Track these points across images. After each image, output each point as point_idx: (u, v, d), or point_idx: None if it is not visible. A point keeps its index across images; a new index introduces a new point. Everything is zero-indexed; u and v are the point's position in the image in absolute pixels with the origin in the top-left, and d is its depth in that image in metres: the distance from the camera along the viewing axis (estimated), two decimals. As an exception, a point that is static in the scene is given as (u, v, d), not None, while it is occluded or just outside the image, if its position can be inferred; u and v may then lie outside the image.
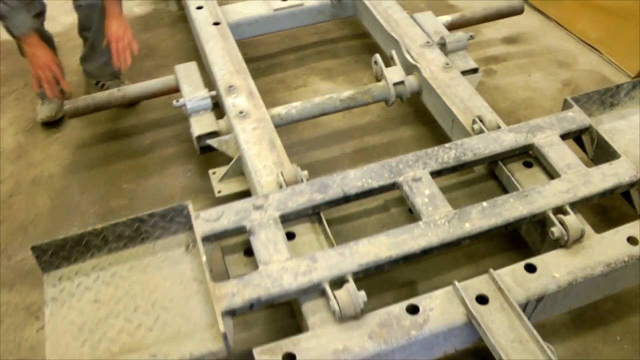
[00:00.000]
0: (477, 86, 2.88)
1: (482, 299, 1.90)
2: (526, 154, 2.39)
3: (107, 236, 2.10)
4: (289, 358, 1.79)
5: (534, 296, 1.93)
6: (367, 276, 1.99)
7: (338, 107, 2.86)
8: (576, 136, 2.44)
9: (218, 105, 2.81)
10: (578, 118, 2.42)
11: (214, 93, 2.76)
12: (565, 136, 2.38)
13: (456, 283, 1.93)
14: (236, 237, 2.20)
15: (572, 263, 2.00)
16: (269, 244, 2.03)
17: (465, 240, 2.05)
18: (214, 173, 2.65)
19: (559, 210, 2.10)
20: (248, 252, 2.17)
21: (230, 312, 1.87)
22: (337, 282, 1.93)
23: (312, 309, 1.93)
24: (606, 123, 2.53)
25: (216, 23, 3.17)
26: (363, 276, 1.98)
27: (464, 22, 3.30)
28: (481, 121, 2.45)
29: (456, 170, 2.31)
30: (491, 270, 1.95)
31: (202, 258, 1.97)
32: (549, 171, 2.29)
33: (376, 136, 3.13)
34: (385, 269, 2.01)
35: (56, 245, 2.06)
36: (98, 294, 2.04)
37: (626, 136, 2.48)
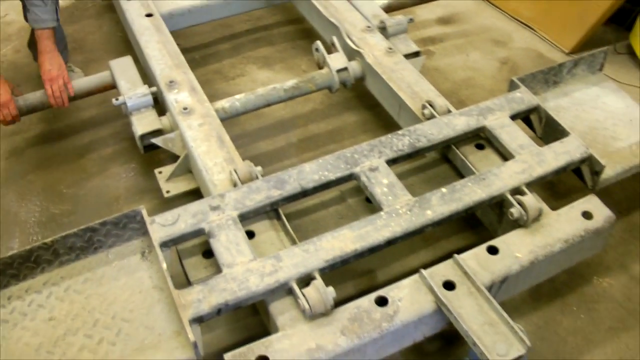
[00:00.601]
0: (416, 68, 2.88)
1: (449, 285, 1.91)
2: (477, 137, 2.41)
3: (58, 249, 2.00)
4: (262, 360, 1.75)
5: (499, 278, 1.95)
6: (333, 271, 1.96)
7: (282, 97, 2.80)
8: (525, 117, 2.47)
9: (158, 101, 2.71)
10: (526, 98, 2.46)
11: (154, 89, 2.65)
12: (514, 117, 2.41)
13: (422, 271, 1.92)
14: (193, 240, 2.14)
15: (533, 242, 2.03)
16: (231, 246, 1.97)
17: (427, 227, 2.05)
18: (160, 172, 2.56)
19: (517, 191, 2.13)
20: (207, 254, 2.10)
21: (197, 320, 1.81)
22: (304, 280, 1.89)
23: (280, 309, 1.89)
24: (550, 101, 2.59)
25: (149, 14, 3.04)
26: (330, 272, 1.95)
27: (400, 5, 3.29)
28: (431, 106, 2.45)
29: (411, 157, 2.31)
30: (455, 255, 1.96)
31: (163, 265, 1.89)
32: (502, 152, 2.32)
33: (320, 124, 3.10)
34: (350, 263, 1.99)
35: (3, 263, 1.94)
36: (53, 311, 1.93)
37: (571, 113, 2.54)
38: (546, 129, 2.42)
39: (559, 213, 2.13)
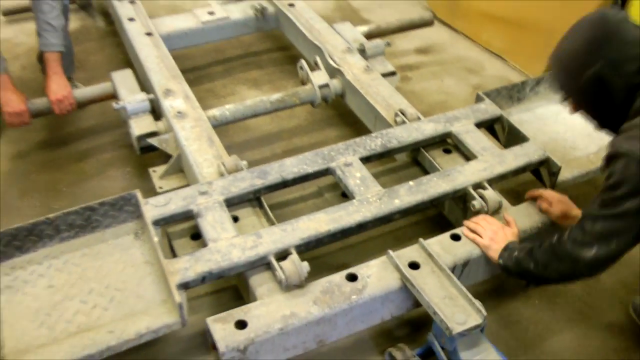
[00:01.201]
0: (394, 92, 3.13)
1: (414, 265, 2.10)
2: (445, 142, 2.65)
3: (59, 225, 2.19)
4: (240, 325, 1.93)
5: (460, 260, 2.15)
6: (308, 250, 2.16)
7: (268, 109, 3.04)
8: (489, 125, 2.71)
9: (154, 110, 2.93)
10: (490, 109, 2.71)
11: (152, 96, 2.88)
12: (479, 125, 2.65)
13: (390, 252, 2.12)
14: (182, 224, 2.34)
15: (492, 231, 2.24)
16: (216, 224, 2.17)
17: (395, 215, 2.26)
18: (155, 171, 2.77)
19: (478, 185, 2.35)
20: (194, 237, 2.31)
21: (183, 285, 2.00)
22: (281, 256, 2.09)
23: (259, 282, 2.09)
24: (514, 115, 2.82)
25: (148, 34, 3.30)
26: (305, 250, 2.14)
27: (380, 32, 3.56)
28: (403, 114, 2.69)
29: (383, 156, 2.54)
30: (421, 239, 2.16)
31: (154, 239, 2.09)
32: (467, 155, 2.55)
33: (304, 137, 3.32)
34: (324, 243, 2.19)
35: (9, 234, 2.12)
36: (52, 280, 2.11)
37: (533, 125, 2.78)
38: (509, 137, 2.66)
39: (518, 208, 2.36)
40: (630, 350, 2.34)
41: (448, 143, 2.65)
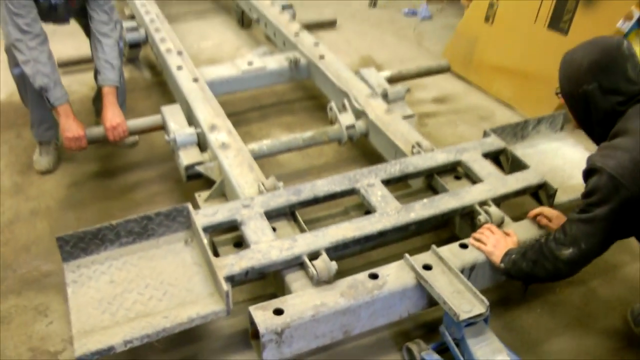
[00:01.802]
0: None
1: (427, 267, 2.41)
2: (455, 170, 2.99)
3: (120, 231, 2.54)
4: (278, 312, 2.24)
5: (468, 264, 2.46)
6: (337, 252, 2.48)
7: (301, 145, 3.42)
8: (494, 156, 3.05)
9: (199, 144, 3.31)
10: (495, 142, 3.06)
11: (199, 130, 3.28)
12: (486, 155, 3.00)
13: (407, 255, 2.44)
14: (226, 235, 2.68)
15: (496, 241, 2.56)
16: (257, 230, 2.52)
17: (411, 226, 2.60)
18: (199, 195, 3.13)
19: (484, 203, 2.68)
20: (237, 245, 2.65)
21: (229, 278, 2.33)
22: (313, 256, 2.42)
23: (294, 278, 2.41)
24: (518, 150, 3.16)
25: (195, 79, 3.73)
26: (333, 252, 2.47)
27: (401, 77, 3.96)
28: (419, 146, 3.05)
29: (401, 180, 2.89)
30: (433, 246, 2.48)
31: (204, 240, 2.43)
32: (475, 180, 2.88)
33: (331, 173, 3.58)
34: (350, 247, 2.52)
35: (77, 237, 2.48)
36: (112, 277, 2.45)
37: (535, 158, 3.11)
38: (512, 167, 2.99)
39: (519, 223, 2.67)
40: (623, 350, 2.60)
41: (458, 171, 2.99)
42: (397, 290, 2.36)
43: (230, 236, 2.68)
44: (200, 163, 3.15)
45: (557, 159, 3.16)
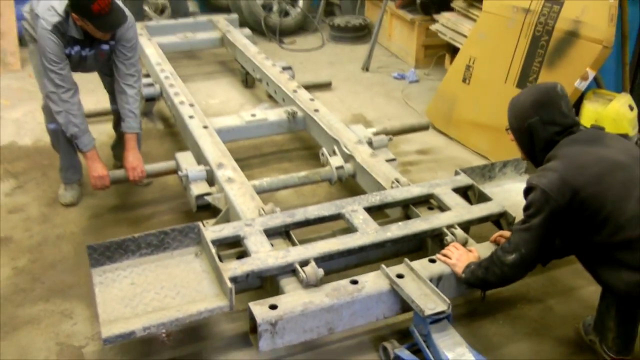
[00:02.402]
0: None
1: (400, 276, 2.85)
2: (429, 202, 3.47)
3: (140, 243, 3.00)
4: (273, 307, 2.67)
5: (435, 275, 2.89)
6: (324, 262, 2.93)
7: (297, 183, 3.92)
8: (463, 191, 3.53)
9: (208, 180, 3.80)
10: (464, 179, 3.55)
11: (208, 168, 3.77)
12: (456, 190, 3.48)
13: (383, 266, 2.89)
14: (230, 250, 3.13)
15: (459, 257, 3.01)
16: (257, 243, 2.98)
17: (387, 243, 3.06)
18: (207, 222, 3.59)
19: (451, 226, 3.14)
20: (239, 257, 3.09)
21: (233, 279, 2.77)
22: (304, 264, 2.86)
23: (287, 282, 2.85)
24: (486, 188, 3.63)
25: (205, 127, 4.25)
26: (321, 262, 2.91)
27: (385, 133, 4.44)
28: (397, 182, 3.54)
29: (381, 208, 3.37)
30: (406, 259, 2.93)
31: (212, 250, 2.89)
32: (444, 209, 3.35)
33: (323, 211, 4.15)
34: (335, 258, 2.97)
35: (104, 246, 2.94)
36: (133, 280, 2.90)
37: (500, 195, 3.57)
38: (479, 200, 3.46)
39: (482, 245, 3.12)
40: (574, 355, 3.02)
41: (432, 203, 3.47)
42: (374, 293, 2.79)
43: (233, 251, 3.13)
44: (208, 194, 3.63)
45: (520, 196, 3.57)
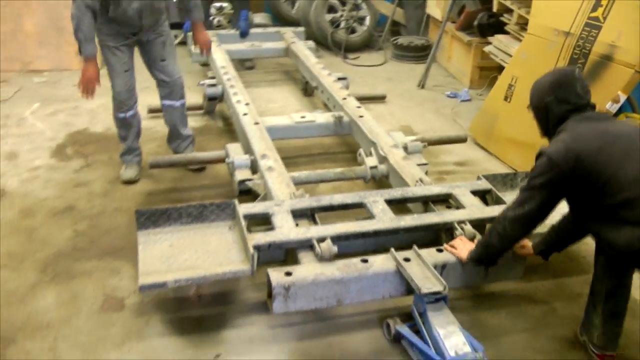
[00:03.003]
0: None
1: (407, 259, 3.14)
2: (448, 202, 3.74)
3: (182, 213, 3.41)
4: (288, 274, 3.01)
5: (440, 263, 3.18)
6: (340, 241, 3.25)
7: (332, 177, 4.26)
8: (482, 195, 3.79)
9: (251, 168, 4.19)
10: (484, 184, 3.81)
11: (252, 157, 4.17)
12: (474, 193, 3.74)
13: (392, 250, 3.19)
14: (260, 227, 3.50)
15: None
16: (283, 220, 3.34)
17: (400, 230, 3.36)
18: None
19: (462, 222, 3.41)
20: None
21: (256, 247, 3.13)
22: (321, 240, 3.20)
23: (304, 255, 3.19)
24: (506, 196, 3.87)
25: (256, 123, 4.67)
26: (337, 241, 3.23)
27: (423, 142, 4.75)
28: (421, 181, 3.84)
29: (401, 202, 3.68)
30: (415, 246, 3.22)
31: (242, 222, 3.26)
32: (460, 208, 3.63)
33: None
34: (350, 239, 3.29)
35: (150, 212, 3.36)
36: (172, 243, 3.30)
37: (517, 202, 3.82)
38: (496, 204, 3.72)
39: (488, 241, 3.38)
40: (567, 351, 3.20)
41: (450, 202, 3.74)
42: (381, 272, 3.10)
43: (263, 227, 3.49)
44: (250, 180, 4.02)
45: (537, 205, 3.85)
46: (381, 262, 3.14)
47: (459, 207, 3.65)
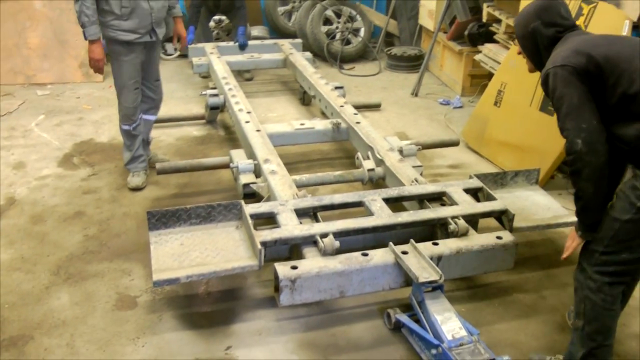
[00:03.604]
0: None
1: (405, 252, 3.34)
2: (442, 199, 3.95)
3: (191, 214, 3.59)
4: (294, 267, 3.20)
5: (436, 255, 3.37)
6: (341, 237, 3.45)
7: (332, 180, 4.46)
8: (474, 192, 3.99)
9: (255, 172, 4.39)
10: (475, 182, 4.02)
11: (255, 162, 4.37)
12: (466, 191, 3.94)
13: (391, 244, 3.38)
14: (265, 226, 3.69)
15: (460, 243, 3.47)
16: (287, 218, 3.53)
17: (397, 226, 3.55)
18: (250, 207, 4.17)
19: (455, 217, 3.61)
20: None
21: (263, 243, 3.32)
22: (324, 236, 3.39)
23: (308, 250, 3.38)
24: (497, 194, 4.08)
25: (258, 130, 4.87)
26: (339, 237, 3.42)
27: (418, 145, 4.96)
28: (416, 180, 4.04)
29: (397, 201, 3.87)
30: (412, 240, 3.41)
31: (249, 221, 3.45)
32: (453, 204, 3.83)
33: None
34: (351, 235, 3.49)
35: (161, 214, 3.55)
36: (182, 242, 3.49)
37: (508, 200, 4.00)
38: (487, 201, 3.92)
39: (481, 235, 3.58)
40: (556, 333, 3.41)
41: (444, 200, 3.95)
42: (381, 265, 3.29)
43: (269, 226, 3.68)
44: (254, 183, 4.22)
45: (527, 202, 4.07)
46: (381, 255, 3.33)
47: (453, 204, 3.85)
